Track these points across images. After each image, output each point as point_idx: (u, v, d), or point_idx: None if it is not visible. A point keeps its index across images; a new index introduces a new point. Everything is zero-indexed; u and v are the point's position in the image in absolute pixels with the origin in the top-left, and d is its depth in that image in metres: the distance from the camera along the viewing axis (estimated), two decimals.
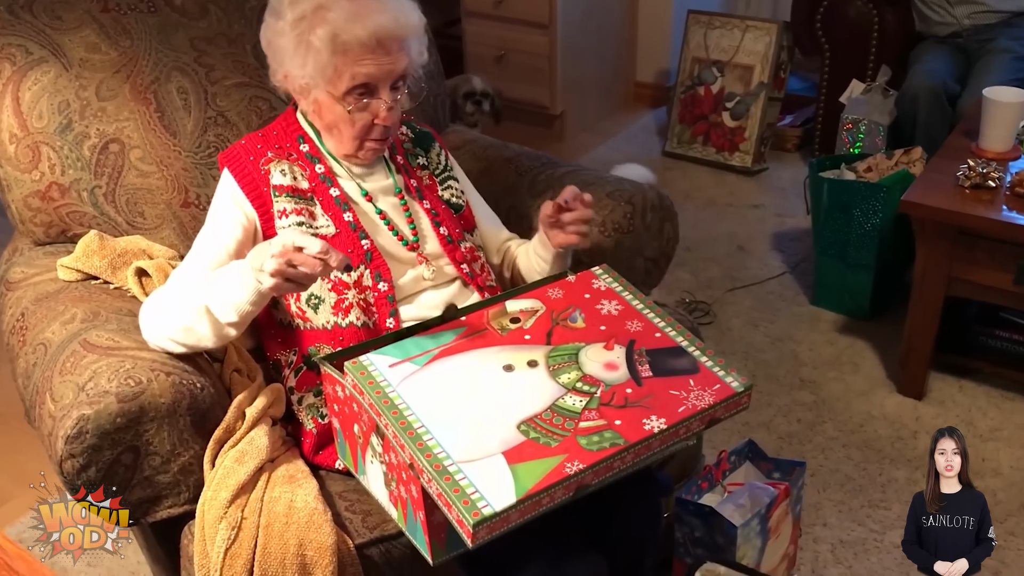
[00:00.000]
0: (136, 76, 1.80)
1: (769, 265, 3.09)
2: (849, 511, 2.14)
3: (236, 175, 1.56)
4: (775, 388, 2.53)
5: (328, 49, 1.45)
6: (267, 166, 1.56)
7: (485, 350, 1.37)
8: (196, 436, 1.43)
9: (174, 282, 1.51)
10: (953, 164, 2.35)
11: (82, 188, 1.76)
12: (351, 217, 1.56)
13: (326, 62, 1.47)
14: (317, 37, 1.45)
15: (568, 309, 1.45)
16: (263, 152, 1.57)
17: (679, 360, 1.38)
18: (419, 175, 1.68)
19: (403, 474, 1.29)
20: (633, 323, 1.43)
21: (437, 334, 1.39)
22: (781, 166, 3.73)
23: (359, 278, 1.53)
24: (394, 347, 1.36)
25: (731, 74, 3.69)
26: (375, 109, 1.51)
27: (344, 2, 1.46)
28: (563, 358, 1.36)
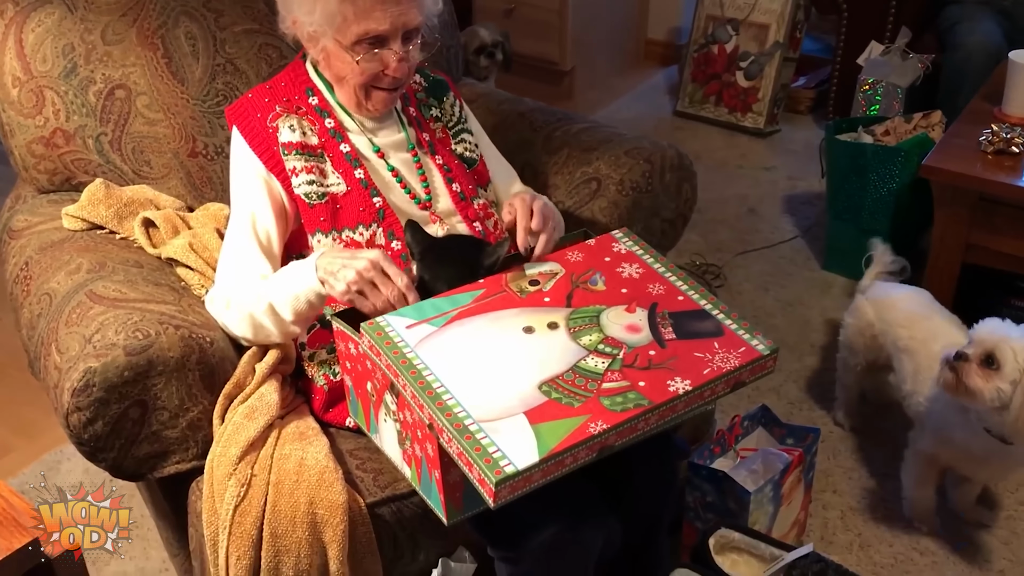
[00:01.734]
0: (143, 20, 1.74)
1: (781, 229, 3.05)
2: (859, 478, 2.12)
3: (246, 135, 1.51)
4: (785, 353, 2.50)
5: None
6: (275, 122, 1.50)
7: (504, 312, 1.33)
8: (205, 391, 1.40)
9: (231, 267, 1.48)
10: (975, 129, 2.30)
11: (87, 135, 1.71)
12: (362, 174, 1.51)
13: (334, 10, 1.41)
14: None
15: (588, 272, 1.42)
16: (271, 107, 1.52)
17: (703, 323, 1.35)
18: (432, 128, 1.63)
19: (418, 432, 1.27)
20: (655, 286, 1.40)
21: (454, 296, 1.35)
22: (794, 128, 3.67)
23: (371, 236, 1.49)
24: (411, 308, 1.33)
25: (746, 33, 3.62)
26: (385, 60, 1.46)
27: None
28: (584, 320, 1.32)
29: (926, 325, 1.94)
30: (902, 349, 1.95)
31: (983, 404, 1.64)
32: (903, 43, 3.15)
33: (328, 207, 1.48)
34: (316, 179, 1.49)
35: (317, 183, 1.49)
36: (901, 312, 2.00)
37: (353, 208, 1.49)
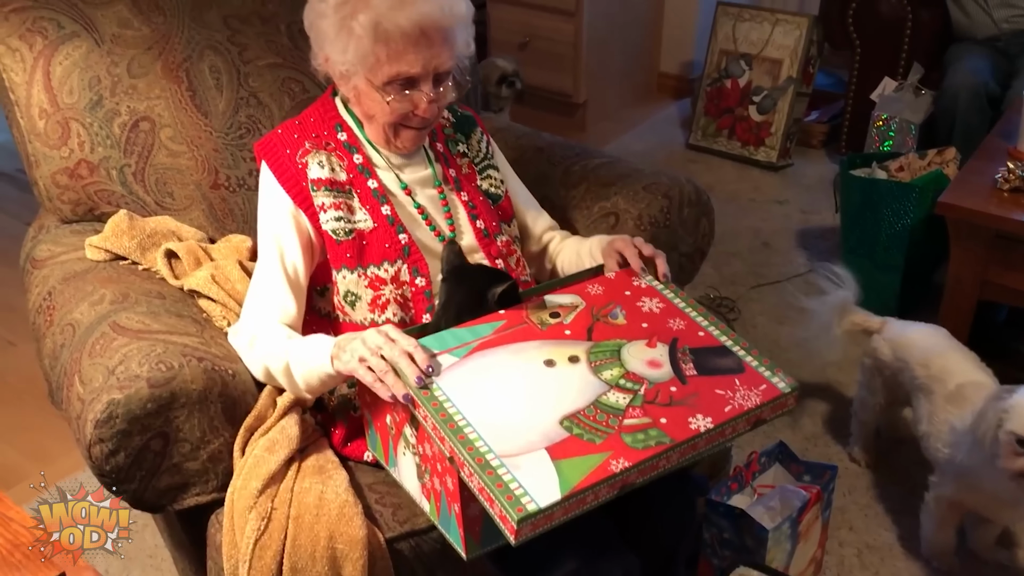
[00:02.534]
0: (168, 53, 1.76)
1: (794, 262, 3.06)
2: (876, 515, 2.11)
3: (275, 171, 1.51)
4: (801, 388, 2.47)
5: (369, 37, 1.40)
6: (304, 159, 1.51)
7: (525, 344, 1.34)
8: (226, 423, 1.41)
9: (258, 302, 1.48)
10: (990, 166, 2.31)
11: (111, 166, 1.73)
12: (389, 211, 1.52)
13: (367, 50, 1.41)
14: (359, 23, 1.40)
15: (608, 305, 1.42)
16: (299, 143, 1.52)
17: (724, 359, 1.35)
18: (459, 163, 1.63)
19: (438, 466, 1.27)
20: (675, 321, 1.40)
21: (475, 327, 1.36)
22: (806, 162, 3.68)
23: (396, 273, 1.50)
24: (432, 339, 1.33)
25: (759, 68, 3.64)
26: (416, 101, 1.46)
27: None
28: (605, 354, 1.33)
29: (943, 364, 1.94)
30: (919, 388, 1.95)
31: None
32: (915, 79, 3.17)
33: (355, 244, 1.49)
34: (344, 215, 1.49)
35: (345, 219, 1.49)
36: (918, 350, 2.00)
37: (379, 244, 1.49)
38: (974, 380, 1.86)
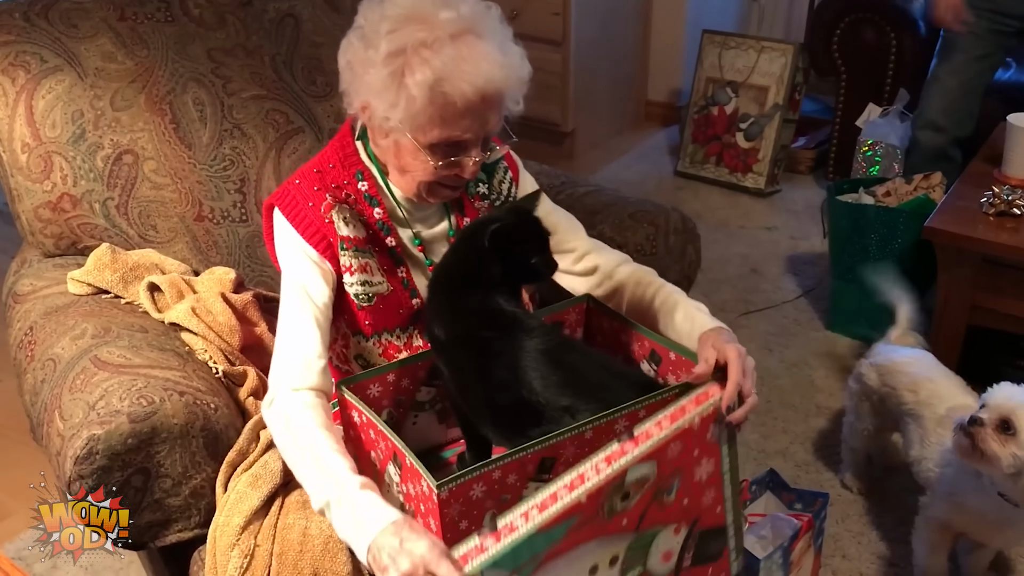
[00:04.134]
0: (152, 86, 1.76)
1: (783, 289, 3.06)
2: (868, 543, 2.09)
3: (301, 230, 1.39)
4: (791, 415, 2.48)
5: (425, 97, 1.28)
6: (329, 213, 1.39)
7: (584, 547, 1.22)
8: (208, 458, 1.39)
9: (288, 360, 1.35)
10: (976, 190, 2.32)
11: (94, 200, 1.72)
12: (404, 274, 1.45)
13: (419, 110, 1.29)
14: (415, 82, 1.27)
15: (672, 476, 1.30)
16: (321, 196, 1.40)
17: (715, 544, 1.36)
18: (476, 207, 1.52)
19: (422, 506, 1.25)
20: (709, 493, 1.34)
21: (551, 529, 1.17)
22: (794, 188, 3.70)
23: (408, 339, 1.46)
24: (508, 551, 1.15)
25: (745, 95, 3.66)
26: (463, 164, 1.36)
27: (450, 46, 1.27)
28: (637, 551, 1.27)
29: (932, 388, 1.93)
30: (908, 413, 1.94)
31: (999, 470, 1.62)
32: (901, 105, 3.19)
33: (373, 310, 1.42)
34: (367, 279, 1.41)
35: (367, 283, 1.41)
36: (906, 376, 1.99)
37: (393, 310, 1.43)
38: (963, 404, 1.85)
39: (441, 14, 1.29)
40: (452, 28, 1.28)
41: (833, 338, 2.79)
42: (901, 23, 3.25)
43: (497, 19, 1.35)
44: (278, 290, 1.80)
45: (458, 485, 1.20)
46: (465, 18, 1.30)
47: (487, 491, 1.22)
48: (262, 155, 1.83)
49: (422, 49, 1.27)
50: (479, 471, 1.21)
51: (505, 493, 1.24)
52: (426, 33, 1.28)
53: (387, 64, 1.29)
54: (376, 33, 1.30)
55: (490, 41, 1.31)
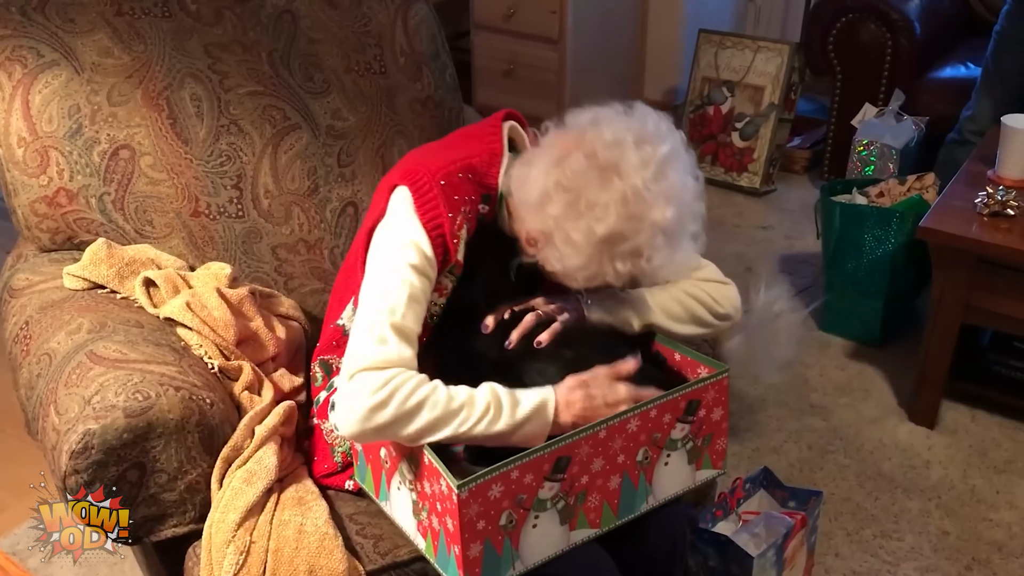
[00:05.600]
0: (148, 81, 1.76)
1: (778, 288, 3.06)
2: (861, 541, 2.10)
3: (433, 239, 1.31)
4: (785, 413, 2.49)
5: (620, 283, 1.31)
6: (460, 231, 1.32)
7: None
8: (204, 454, 1.39)
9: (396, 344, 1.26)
10: (970, 191, 2.32)
11: (90, 194, 1.72)
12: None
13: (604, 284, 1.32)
14: (616, 271, 1.28)
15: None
16: (457, 208, 1.32)
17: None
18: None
19: (438, 505, 1.25)
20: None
21: None
22: (790, 188, 3.70)
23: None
24: None
25: (741, 94, 3.67)
26: None
27: (664, 246, 1.26)
28: None
29: None
30: None
31: None
32: (896, 105, 3.20)
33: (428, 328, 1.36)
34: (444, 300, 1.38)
35: (436, 304, 1.37)
36: None
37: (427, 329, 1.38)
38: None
39: (667, 212, 1.24)
40: (671, 227, 1.25)
41: (826, 338, 2.80)
42: (897, 23, 3.26)
43: (699, 189, 1.31)
44: (272, 285, 1.82)
45: (478, 485, 1.20)
46: (685, 208, 1.27)
47: (504, 491, 1.23)
48: (259, 151, 1.83)
49: (641, 247, 1.25)
50: (498, 471, 1.22)
51: (522, 493, 1.25)
52: (645, 236, 1.25)
53: (596, 246, 1.26)
54: (593, 216, 1.25)
55: (690, 223, 1.29)
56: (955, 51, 3.42)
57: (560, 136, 1.32)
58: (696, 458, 1.44)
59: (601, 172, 1.25)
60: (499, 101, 3.59)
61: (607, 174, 1.24)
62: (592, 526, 1.35)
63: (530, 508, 1.27)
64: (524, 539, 1.27)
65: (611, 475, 1.34)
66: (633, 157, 1.24)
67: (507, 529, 1.25)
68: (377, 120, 1.95)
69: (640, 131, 1.27)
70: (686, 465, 1.44)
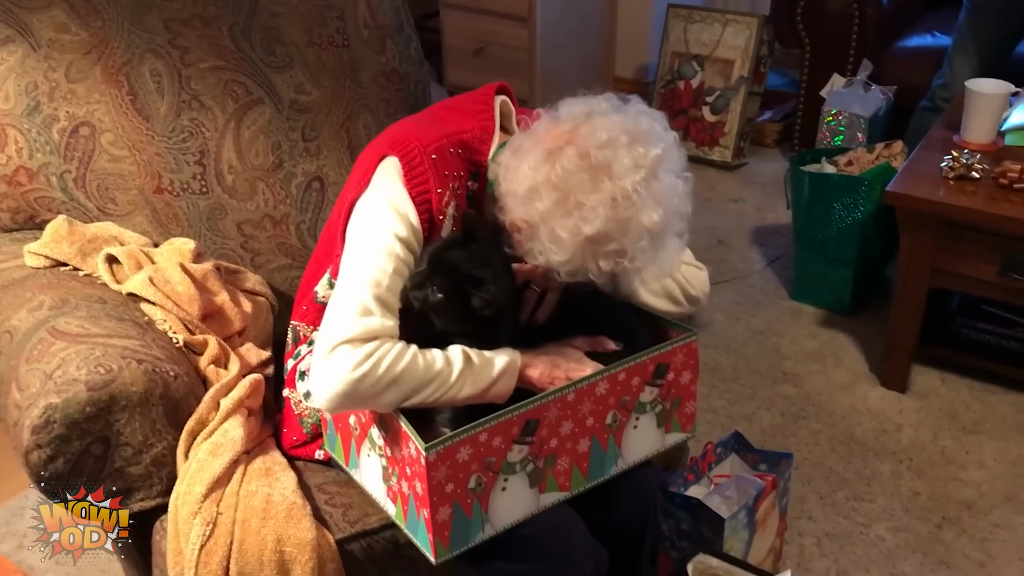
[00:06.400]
0: (107, 58, 1.74)
1: (750, 259, 3.08)
2: (834, 504, 2.11)
3: (421, 212, 1.32)
4: (758, 381, 2.50)
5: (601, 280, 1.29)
6: (447, 208, 1.34)
7: None
8: (169, 426, 1.38)
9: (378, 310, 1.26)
10: (936, 156, 2.34)
11: (51, 173, 1.70)
12: None
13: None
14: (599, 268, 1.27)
15: None
16: (446, 184, 1.33)
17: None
18: None
19: (407, 469, 1.25)
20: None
21: None
22: (761, 161, 3.71)
23: None
24: None
25: (711, 68, 3.67)
26: None
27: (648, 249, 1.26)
28: None
29: None
30: None
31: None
32: (864, 75, 3.20)
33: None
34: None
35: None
36: None
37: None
38: None
39: (654, 215, 1.24)
40: (655, 230, 1.25)
41: (797, 306, 2.81)
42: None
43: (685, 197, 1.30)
44: (238, 261, 1.81)
45: (446, 448, 1.21)
46: (672, 212, 1.27)
47: (473, 454, 1.24)
48: (221, 126, 1.81)
49: (626, 249, 1.25)
50: (466, 434, 1.22)
51: (490, 456, 1.26)
52: (631, 241, 1.25)
53: (580, 244, 1.25)
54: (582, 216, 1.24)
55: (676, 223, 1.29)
56: (921, 20, 3.43)
57: (552, 128, 1.29)
58: (665, 421, 1.45)
59: (592, 173, 1.23)
60: (470, 80, 3.57)
61: (598, 175, 1.23)
62: (562, 489, 1.35)
63: (499, 471, 1.27)
64: (494, 502, 1.28)
65: (580, 438, 1.35)
66: (626, 159, 1.23)
67: (476, 492, 1.26)
68: (341, 94, 1.94)
69: (634, 131, 1.25)
70: (655, 429, 1.44)
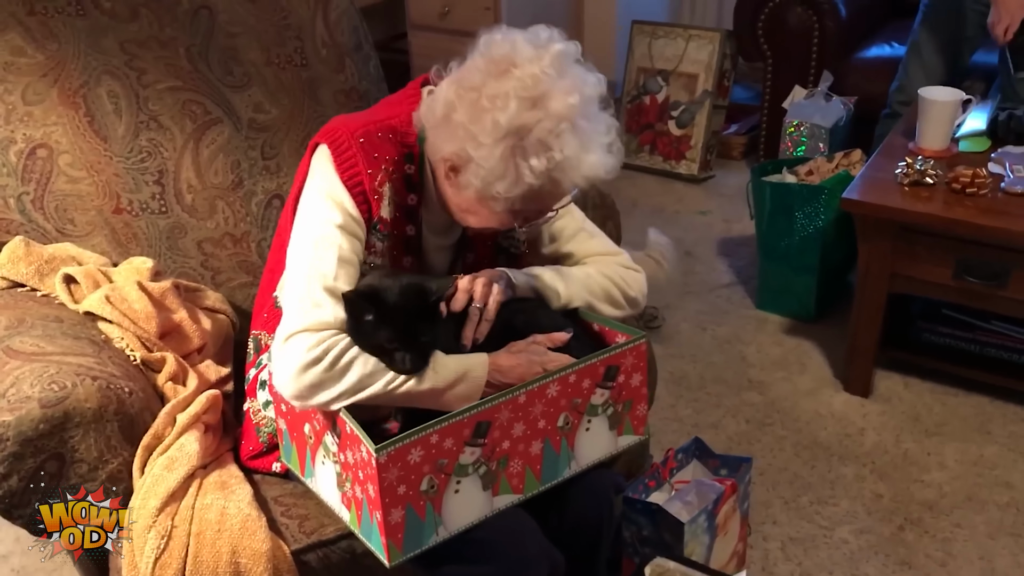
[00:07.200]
0: (64, 80, 1.75)
1: (716, 270, 3.11)
2: (798, 508, 2.13)
3: (353, 192, 1.35)
4: (723, 390, 2.53)
5: (537, 182, 1.28)
6: (381, 188, 1.36)
7: None
8: (124, 443, 1.39)
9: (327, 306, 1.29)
10: (892, 163, 2.38)
11: (8, 195, 1.71)
12: (408, 264, 1.45)
13: (525, 188, 1.29)
14: (531, 167, 1.27)
15: None
16: (378, 165, 1.36)
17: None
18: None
19: (360, 473, 1.26)
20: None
21: None
22: (728, 173, 3.76)
23: None
24: None
25: (676, 83, 3.71)
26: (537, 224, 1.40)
27: (572, 138, 1.26)
28: None
29: None
30: None
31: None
32: (825, 86, 3.26)
33: None
34: (376, 261, 1.40)
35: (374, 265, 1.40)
36: None
37: None
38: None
39: (569, 99, 1.26)
40: (574, 115, 1.27)
41: (762, 315, 2.84)
42: (822, 6, 3.32)
43: (603, 92, 1.33)
44: (199, 280, 1.82)
45: (396, 449, 1.22)
46: (588, 99, 1.29)
47: (424, 455, 1.25)
48: (180, 146, 1.83)
49: (546, 136, 1.26)
50: (417, 435, 1.24)
51: (442, 457, 1.27)
52: (550, 122, 1.26)
53: (504, 141, 1.26)
54: (495, 108, 1.26)
55: (597, 121, 1.31)
56: (880, 32, 3.49)
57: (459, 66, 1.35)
58: (617, 424, 1.47)
59: (498, 67, 1.28)
60: None
61: (504, 67, 1.27)
62: (515, 492, 1.37)
63: (451, 473, 1.28)
64: (447, 505, 1.29)
65: (532, 440, 1.36)
66: (528, 51, 1.28)
67: (429, 494, 1.27)
68: (300, 112, 1.96)
69: (533, 34, 1.32)
70: (608, 431, 1.46)
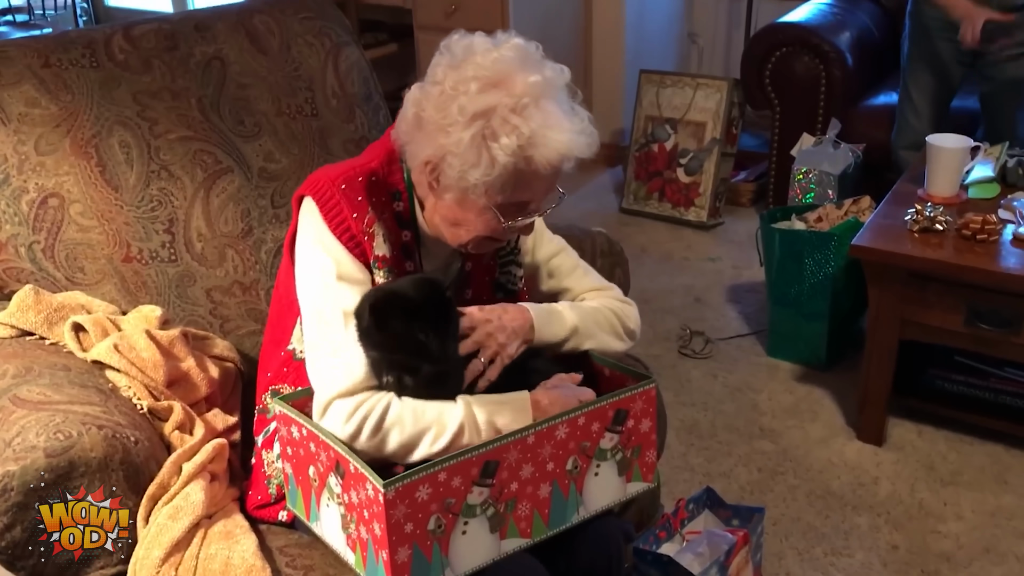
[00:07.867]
0: (77, 130, 1.77)
1: (726, 316, 3.10)
2: (812, 560, 2.10)
3: (343, 238, 1.37)
4: (735, 438, 2.50)
5: (510, 162, 1.28)
6: (371, 228, 1.38)
7: None
8: (130, 492, 1.37)
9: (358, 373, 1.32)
10: (901, 210, 2.38)
11: (19, 243, 1.72)
12: None
13: (500, 173, 1.29)
14: (501, 147, 1.27)
15: None
16: (364, 208, 1.38)
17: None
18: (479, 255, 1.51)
19: (365, 512, 1.25)
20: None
21: None
22: (737, 220, 3.76)
23: None
24: None
25: (684, 131, 3.74)
26: (524, 223, 1.39)
27: (536, 112, 1.28)
28: None
29: None
30: None
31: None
32: (833, 134, 3.27)
33: None
34: None
35: None
36: None
37: None
38: None
39: (529, 78, 1.29)
40: (536, 92, 1.29)
41: (774, 363, 2.83)
42: (829, 55, 3.35)
43: (569, 82, 1.35)
44: (208, 328, 1.82)
45: (404, 485, 1.21)
46: (549, 80, 1.31)
47: (432, 493, 1.24)
48: (190, 195, 1.84)
49: (510, 115, 1.28)
50: (425, 472, 1.23)
51: (450, 496, 1.26)
52: (513, 99, 1.28)
53: (470, 126, 1.28)
54: (459, 93, 1.29)
55: (564, 105, 1.33)
56: (887, 80, 3.51)
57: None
58: (626, 470, 1.45)
59: (458, 59, 1.32)
60: None
61: (464, 57, 1.32)
62: (523, 535, 1.35)
63: (459, 513, 1.27)
64: (454, 546, 1.27)
65: (541, 483, 1.35)
66: (484, 43, 1.33)
67: (436, 534, 1.25)
68: (310, 161, 1.98)
69: (492, 35, 1.36)
70: (616, 477, 1.44)
